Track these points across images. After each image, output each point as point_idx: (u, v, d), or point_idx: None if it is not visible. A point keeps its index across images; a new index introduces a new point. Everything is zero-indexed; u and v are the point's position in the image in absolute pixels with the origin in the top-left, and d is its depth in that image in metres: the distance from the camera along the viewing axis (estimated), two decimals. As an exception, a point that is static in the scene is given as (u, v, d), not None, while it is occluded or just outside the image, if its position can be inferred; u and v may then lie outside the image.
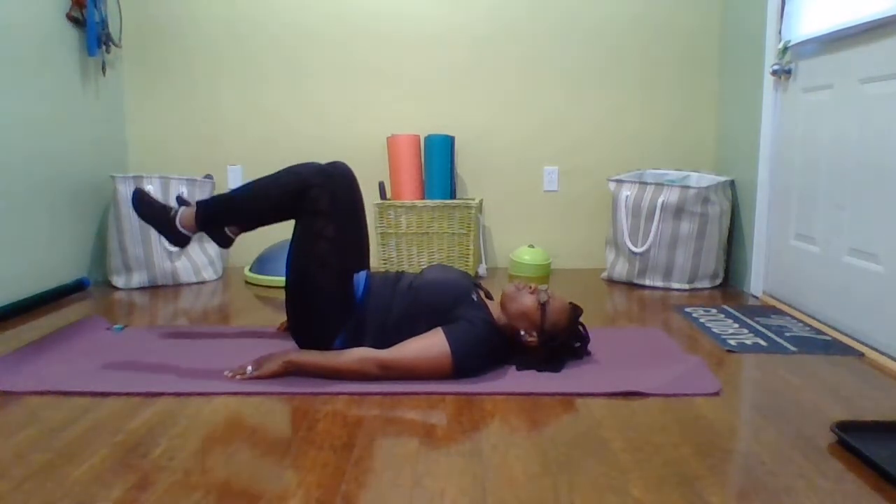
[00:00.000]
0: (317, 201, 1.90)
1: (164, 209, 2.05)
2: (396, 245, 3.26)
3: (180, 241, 2.06)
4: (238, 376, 1.85)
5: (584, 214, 3.57)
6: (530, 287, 1.97)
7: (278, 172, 1.99)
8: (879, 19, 2.10)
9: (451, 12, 3.44)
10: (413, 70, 3.49)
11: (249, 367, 1.87)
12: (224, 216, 2.03)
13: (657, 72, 3.45)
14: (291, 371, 1.86)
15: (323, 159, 3.54)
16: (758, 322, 2.48)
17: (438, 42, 3.46)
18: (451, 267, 2.10)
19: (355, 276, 2.03)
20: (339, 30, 3.46)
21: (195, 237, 2.13)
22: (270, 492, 1.28)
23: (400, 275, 2.05)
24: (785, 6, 2.75)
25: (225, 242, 2.13)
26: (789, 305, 2.71)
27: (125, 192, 3.05)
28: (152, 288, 3.11)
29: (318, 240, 1.90)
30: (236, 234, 2.13)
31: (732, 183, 3.18)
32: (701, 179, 3.23)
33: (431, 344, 1.82)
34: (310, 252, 1.91)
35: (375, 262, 3.37)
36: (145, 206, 2.05)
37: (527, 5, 3.43)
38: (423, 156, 3.34)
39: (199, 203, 2.02)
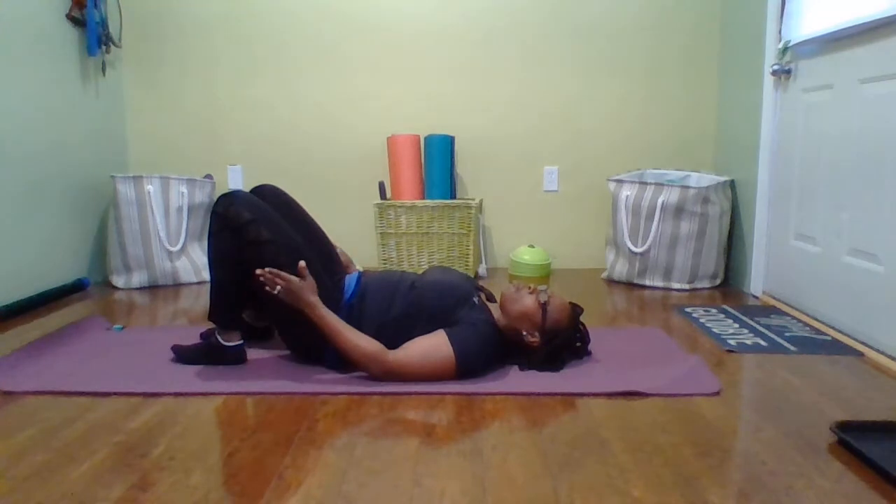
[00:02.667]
0: (239, 216, 1.87)
1: (201, 345, 2.02)
2: (396, 245, 3.26)
3: (237, 354, 1.99)
4: (267, 285, 1.81)
5: (584, 214, 3.57)
6: (530, 287, 1.97)
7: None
8: (879, 19, 2.10)
9: (452, 12, 3.44)
10: (413, 70, 3.49)
11: (278, 288, 1.81)
12: (223, 300, 1.96)
13: (657, 72, 3.45)
14: (307, 311, 1.83)
15: (323, 159, 3.55)
16: (758, 322, 2.48)
17: (438, 42, 3.46)
18: (452, 269, 2.10)
19: (346, 277, 2.02)
20: (339, 30, 3.46)
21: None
22: (270, 492, 1.28)
23: (401, 275, 2.05)
24: (785, 6, 2.75)
25: (260, 331, 2.18)
26: (789, 305, 2.71)
27: (125, 192, 3.05)
28: (152, 288, 3.11)
29: (259, 246, 1.86)
30: (257, 319, 2.17)
31: (732, 183, 3.18)
32: (701, 179, 3.23)
33: (436, 347, 1.82)
34: (260, 262, 1.86)
35: (375, 262, 3.37)
36: (191, 356, 2.01)
37: (527, 6, 3.43)
38: (423, 156, 3.34)
39: (208, 317, 2.00)
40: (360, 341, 1.83)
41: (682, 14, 3.41)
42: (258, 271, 1.82)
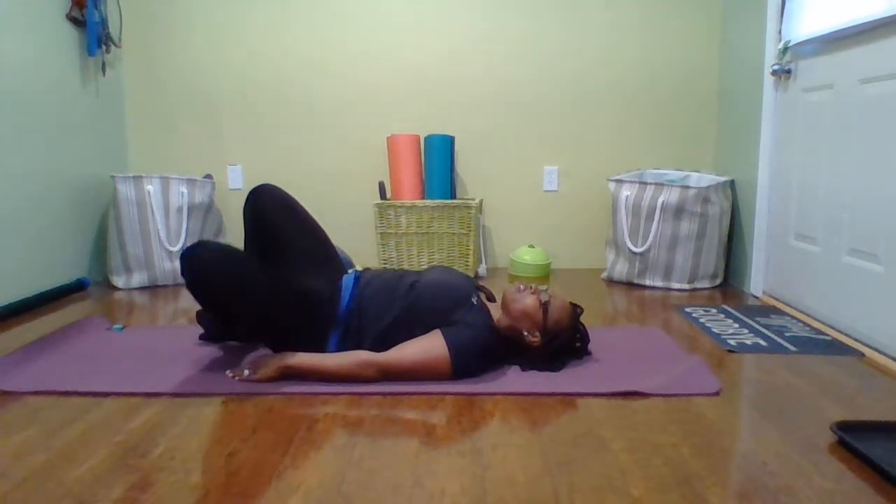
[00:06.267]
0: (205, 284, 1.87)
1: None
2: (396, 245, 3.26)
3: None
4: (237, 377, 1.85)
5: (584, 214, 3.57)
6: (531, 287, 1.97)
7: None
8: (879, 19, 2.10)
9: (452, 12, 3.44)
10: (413, 70, 3.48)
11: (246, 371, 1.85)
12: (208, 323, 2.07)
13: (657, 72, 3.45)
14: (288, 375, 1.85)
15: (323, 159, 3.55)
16: (758, 322, 2.48)
17: (439, 41, 3.46)
18: (452, 269, 2.09)
19: (343, 279, 1.99)
20: (338, 30, 3.46)
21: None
22: (270, 492, 1.28)
23: (401, 276, 2.02)
24: (785, 6, 2.75)
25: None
26: (789, 305, 2.71)
27: (125, 192, 3.05)
28: (152, 288, 3.11)
29: (231, 305, 1.89)
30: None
31: (732, 183, 3.18)
32: (701, 179, 3.23)
33: (431, 347, 1.82)
34: (239, 308, 1.90)
35: (375, 262, 3.37)
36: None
37: (527, 6, 3.43)
38: (423, 156, 3.34)
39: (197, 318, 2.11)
40: (345, 359, 1.83)
41: (682, 14, 3.41)
42: (228, 373, 1.87)
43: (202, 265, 1.82)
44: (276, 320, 1.89)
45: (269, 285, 1.86)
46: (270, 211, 2.06)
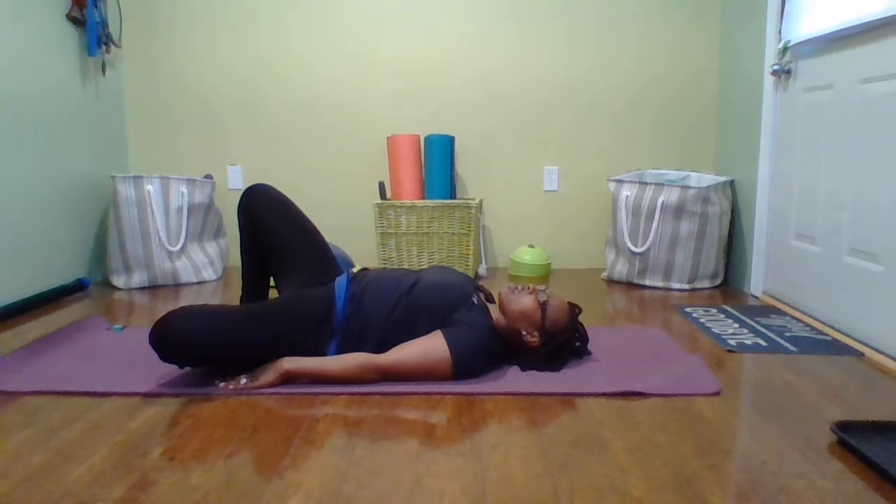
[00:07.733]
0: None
1: None
2: (396, 245, 3.26)
3: None
4: (232, 386, 1.80)
5: (584, 214, 3.57)
6: (529, 287, 1.97)
7: None
8: (879, 19, 2.10)
9: (452, 12, 3.44)
10: (413, 70, 3.49)
11: (244, 380, 1.81)
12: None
13: (657, 72, 3.45)
14: (289, 380, 1.83)
15: (323, 159, 3.55)
16: (758, 322, 2.48)
17: (439, 42, 3.46)
18: (451, 269, 2.09)
19: (336, 282, 1.96)
20: (339, 30, 3.46)
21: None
22: (270, 492, 1.28)
23: (399, 278, 1.99)
24: (785, 6, 2.75)
25: None
26: (789, 305, 2.71)
27: (125, 192, 3.05)
28: (152, 288, 3.11)
29: (221, 358, 1.87)
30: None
31: (732, 183, 3.18)
32: (701, 179, 3.23)
33: (432, 348, 1.81)
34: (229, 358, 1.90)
35: (375, 262, 3.37)
36: None
37: (527, 7, 3.43)
38: (423, 156, 3.34)
39: None
40: (345, 362, 1.81)
41: (682, 14, 3.41)
42: (220, 384, 1.82)
43: (183, 339, 1.75)
44: (273, 350, 1.86)
45: (258, 328, 1.83)
46: (264, 211, 2.06)
